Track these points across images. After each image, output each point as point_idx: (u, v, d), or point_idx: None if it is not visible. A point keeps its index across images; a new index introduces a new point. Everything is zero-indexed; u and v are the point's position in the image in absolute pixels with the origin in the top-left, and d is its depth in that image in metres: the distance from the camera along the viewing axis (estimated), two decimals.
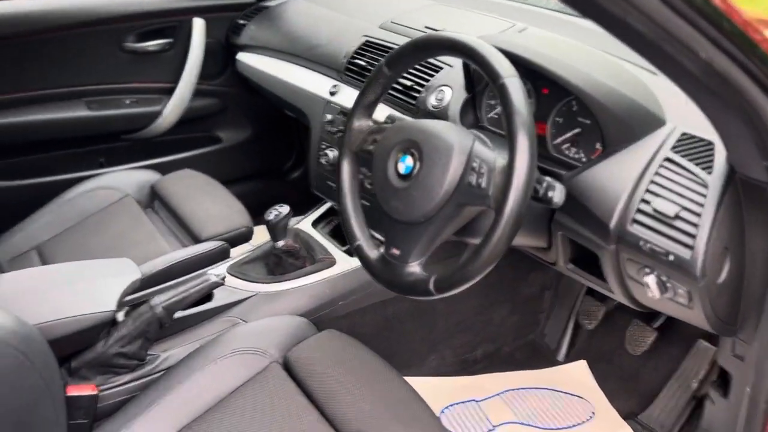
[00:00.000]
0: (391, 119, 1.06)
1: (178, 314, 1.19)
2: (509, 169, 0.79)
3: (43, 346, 0.91)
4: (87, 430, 1.05)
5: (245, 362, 1.09)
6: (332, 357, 1.10)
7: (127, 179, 1.69)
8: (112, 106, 1.83)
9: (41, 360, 0.88)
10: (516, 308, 1.57)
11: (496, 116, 1.11)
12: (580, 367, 1.52)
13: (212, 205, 1.56)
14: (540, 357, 1.59)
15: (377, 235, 1.11)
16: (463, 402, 1.42)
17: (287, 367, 1.09)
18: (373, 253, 0.98)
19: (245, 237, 1.50)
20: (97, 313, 1.04)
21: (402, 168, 0.91)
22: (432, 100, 1.18)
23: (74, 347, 1.06)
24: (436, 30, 1.32)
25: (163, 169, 1.78)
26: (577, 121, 0.99)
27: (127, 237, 1.50)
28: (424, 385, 1.42)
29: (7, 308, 0.88)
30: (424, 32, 1.34)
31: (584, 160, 0.98)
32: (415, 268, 0.91)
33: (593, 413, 1.41)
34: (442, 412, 1.40)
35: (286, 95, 1.61)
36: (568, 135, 1.00)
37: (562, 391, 1.47)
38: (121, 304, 1.09)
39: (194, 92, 1.91)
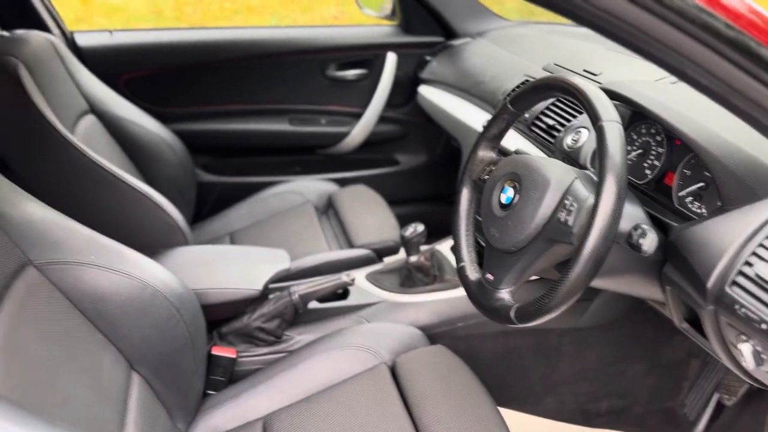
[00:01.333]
0: (516, 152, 1.11)
1: (315, 305, 1.36)
2: (593, 209, 0.80)
3: (194, 307, 1.12)
4: (223, 386, 1.25)
5: (358, 357, 1.21)
6: (435, 371, 1.16)
7: (310, 187, 1.94)
8: (310, 124, 2.11)
9: (190, 317, 1.10)
10: (655, 369, 1.47)
11: (628, 162, 1.10)
12: None
13: (371, 218, 1.73)
14: (674, 427, 1.47)
15: None
16: None
17: (393, 370, 1.19)
18: (473, 275, 1.04)
19: (393, 250, 1.64)
20: (245, 289, 1.25)
21: (503, 198, 0.96)
22: (568, 140, 1.20)
23: (223, 315, 1.28)
24: (594, 74, 1.33)
25: (344, 182, 2.00)
26: (703, 175, 0.95)
27: (298, 235, 1.72)
28: (535, 425, 1.41)
29: (176, 272, 1.11)
30: (581, 75, 1.36)
31: (705, 214, 0.93)
32: (504, 294, 0.95)
33: None
34: None
35: (449, 126, 1.73)
36: (693, 188, 0.96)
37: None
38: (266, 287, 1.28)
39: (380, 118, 2.11)
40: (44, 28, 1.74)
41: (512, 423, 1.10)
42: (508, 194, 0.95)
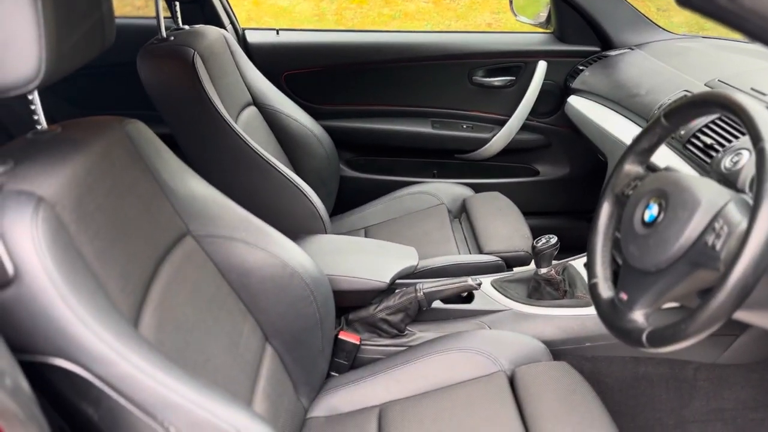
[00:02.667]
0: (666, 169, 1.05)
1: (439, 305, 1.38)
2: (746, 235, 0.75)
3: (326, 291, 1.19)
4: (345, 370, 1.32)
5: (476, 362, 1.21)
6: (557, 388, 1.14)
7: (446, 190, 1.97)
8: (452, 128, 2.13)
9: (322, 299, 1.17)
10: None
11: None
12: None
13: (503, 226, 1.72)
14: None
15: None
16: None
17: (512, 380, 1.18)
18: (606, 293, 1.00)
19: (523, 261, 1.62)
20: (373, 280, 1.30)
21: (647, 215, 0.91)
22: (726, 162, 1.11)
23: (351, 302, 1.34)
24: (763, 93, 1.23)
25: (480, 188, 2.01)
26: None
27: (429, 236, 1.76)
28: None
29: (313, 257, 1.19)
30: (748, 93, 1.26)
31: None
32: (638, 316, 0.91)
33: None
34: None
35: (596, 138, 1.67)
36: None
37: None
38: (393, 281, 1.33)
39: (523, 126, 2.09)
40: (219, 24, 1.92)
41: None
42: (652, 212, 0.91)
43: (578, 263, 1.51)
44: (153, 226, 0.92)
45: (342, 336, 1.31)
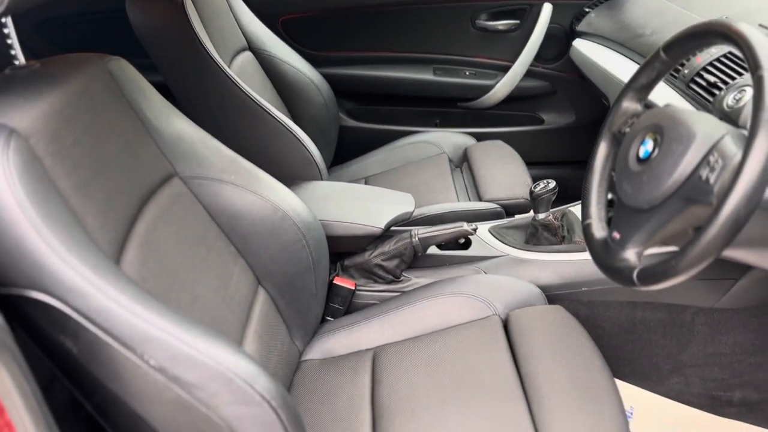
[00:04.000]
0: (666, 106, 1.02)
1: (435, 251, 1.37)
2: (740, 166, 0.72)
3: (319, 235, 1.18)
4: (340, 314, 1.32)
5: (471, 306, 1.20)
6: (550, 331, 1.13)
7: (447, 139, 1.94)
8: (454, 75, 2.08)
9: (314, 243, 1.16)
10: None
11: None
12: None
13: (504, 173, 1.69)
14: None
15: None
16: None
17: (506, 324, 1.17)
18: (599, 234, 0.98)
19: (523, 209, 1.60)
20: (368, 226, 1.29)
21: (641, 151, 0.89)
22: (729, 100, 1.08)
23: (348, 248, 1.33)
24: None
25: (482, 138, 1.97)
26: None
27: (429, 185, 1.74)
28: (655, 402, 1.33)
29: (306, 203, 1.17)
30: (759, 29, 1.21)
31: None
32: (630, 255, 0.89)
33: None
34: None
35: (600, 82, 1.62)
36: None
37: None
38: (388, 227, 1.31)
39: (527, 72, 2.03)
40: None
41: (628, 396, 1.04)
42: (647, 147, 0.88)
43: (577, 209, 1.49)
44: (136, 165, 0.90)
45: (337, 281, 1.31)
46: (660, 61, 0.96)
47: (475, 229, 1.28)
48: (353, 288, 1.31)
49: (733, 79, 1.12)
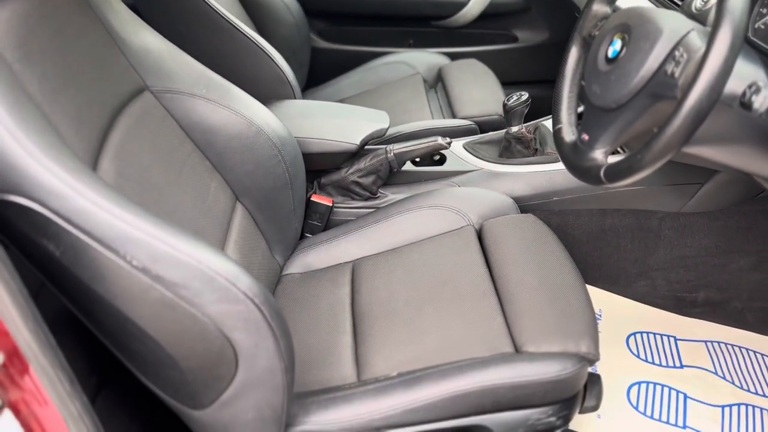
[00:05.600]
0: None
1: (410, 168, 1.39)
2: (703, 58, 0.74)
3: (294, 150, 1.18)
4: (319, 231, 1.34)
5: (445, 218, 1.23)
6: (522, 238, 1.16)
7: (422, 59, 1.92)
8: None
9: (290, 159, 1.16)
10: (762, 265, 1.38)
11: (764, 26, 0.98)
12: None
13: (478, 91, 1.70)
14: None
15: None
16: (659, 333, 1.35)
17: (480, 233, 1.20)
18: (569, 137, 1.00)
19: (497, 125, 1.61)
20: (343, 142, 1.29)
21: (610, 51, 0.90)
22: (697, 2, 1.08)
23: (324, 165, 1.34)
24: None
25: (456, 57, 1.96)
26: None
27: (405, 105, 1.73)
28: (623, 305, 1.40)
29: (281, 120, 1.17)
30: None
31: None
32: (598, 155, 0.91)
33: None
34: (632, 335, 1.36)
35: None
36: None
37: None
38: (363, 143, 1.32)
39: None
40: None
41: (597, 301, 1.08)
42: (615, 47, 0.89)
43: (549, 123, 1.51)
44: (106, 76, 0.89)
45: (315, 198, 1.33)
46: None
47: (449, 143, 1.30)
48: (331, 205, 1.33)
49: None
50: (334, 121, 1.35)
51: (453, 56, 1.97)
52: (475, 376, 0.90)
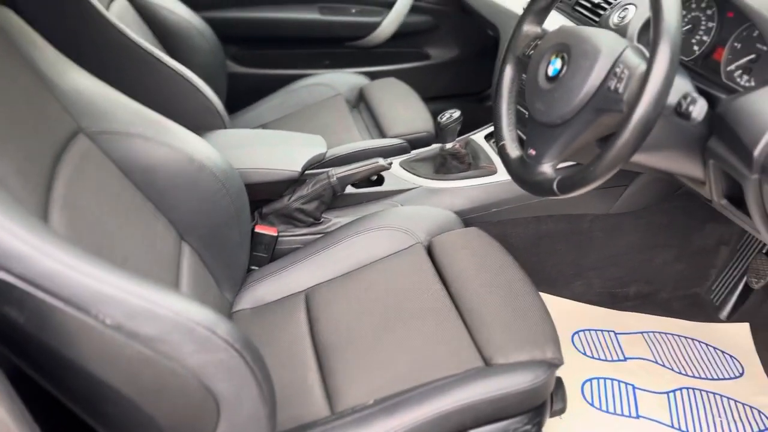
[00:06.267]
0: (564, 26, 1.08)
1: (351, 190, 1.39)
2: (646, 74, 0.79)
3: (238, 184, 1.15)
4: (265, 262, 1.31)
5: (394, 238, 1.24)
6: (471, 250, 1.19)
7: (341, 80, 1.93)
8: (340, 13, 2.06)
9: (235, 192, 1.13)
10: (683, 257, 1.50)
11: None
12: (742, 328, 1.42)
13: (404, 110, 1.72)
14: (700, 311, 1.51)
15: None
16: (600, 330, 1.43)
17: (429, 249, 1.22)
18: (514, 153, 1.05)
19: (426, 142, 1.64)
20: (284, 170, 1.27)
21: (550, 70, 0.95)
22: (614, 18, 1.17)
23: (265, 195, 1.31)
24: None
25: (374, 76, 1.98)
26: (755, 48, 0.93)
27: (331, 127, 1.73)
28: (563, 305, 1.46)
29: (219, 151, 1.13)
30: None
31: (753, 87, 0.92)
32: (546, 168, 0.96)
33: (741, 373, 1.33)
34: (576, 333, 1.43)
35: (485, 11, 1.68)
36: (743, 61, 0.94)
37: (713, 347, 1.40)
38: (305, 169, 1.31)
39: (411, 8, 2.05)
40: None
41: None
42: (555, 66, 0.94)
43: (478, 137, 1.56)
44: (42, 122, 0.83)
45: (258, 229, 1.29)
46: None
47: (390, 164, 1.31)
48: (276, 234, 1.30)
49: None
50: (272, 149, 1.33)
51: (371, 75, 2.00)
52: (454, 395, 0.91)
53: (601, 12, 1.22)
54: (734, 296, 1.47)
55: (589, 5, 1.26)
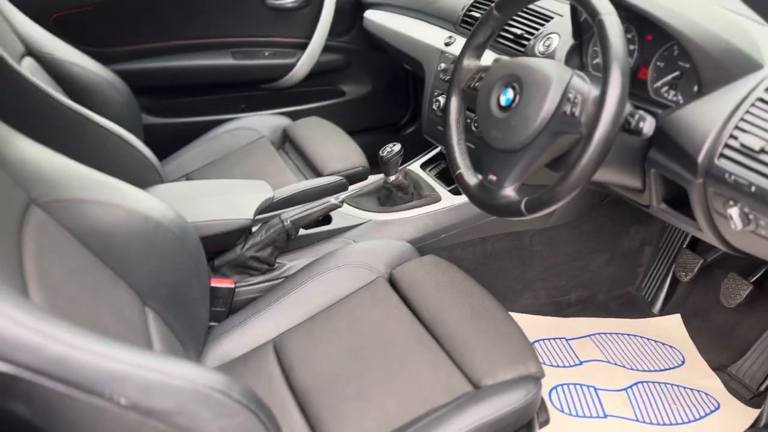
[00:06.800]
0: (496, 61, 1.15)
1: (302, 232, 1.37)
2: (601, 98, 0.86)
3: (194, 238, 1.11)
4: (224, 317, 1.26)
5: (355, 275, 1.24)
6: (434, 277, 1.21)
7: (263, 122, 1.91)
8: (254, 57, 2.05)
9: (193, 248, 1.09)
10: (614, 260, 1.62)
11: (600, 63, 1.17)
12: (674, 320, 1.55)
13: (335, 147, 1.74)
14: (635, 308, 1.63)
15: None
16: (553, 338, 1.50)
17: (392, 281, 1.23)
18: (472, 180, 1.09)
19: (362, 176, 1.67)
20: (238, 219, 1.24)
21: (503, 100, 1.00)
22: (540, 47, 1.26)
23: (218, 247, 1.27)
24: None
25: (294, 116, 1.98)
26: (677, 65, 1.03)
27: (262, 170, 1.71)
28: (516, 320, 1.52)
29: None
30: None
31: (681, 102, 1.03)
32: (509, 192, 1.01)
33: (683, 361, 1.45)
34: (533, 344, 1.49)
35: (406, 48, 1.74)
36: (668, 78, 1.04)
37: (653, 340, 1.51)
38: (256, 215, 1.28)
39: (323, 48, 2.08)
40: None
41: None
42: (508, 95, 1.00)
43: (414, 166, 1.61)
44: None
45: (214, 283, 1.25)
46: (494, 18, 1.08)
47: (342, 202, 1.32)
48: (233, 286, 1.26)
49: (537, 29, 1.30)
50: (220, 199, 1.29)
51: (291, 115, 2.00)
52: (452, 425, 0.92)
53: (525, 42, 1.31)
54: (663, 291, 1.60)
55: (511, 37, 1.34)
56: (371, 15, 1.95)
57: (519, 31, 1.33)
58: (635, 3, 0.99)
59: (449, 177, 1.57)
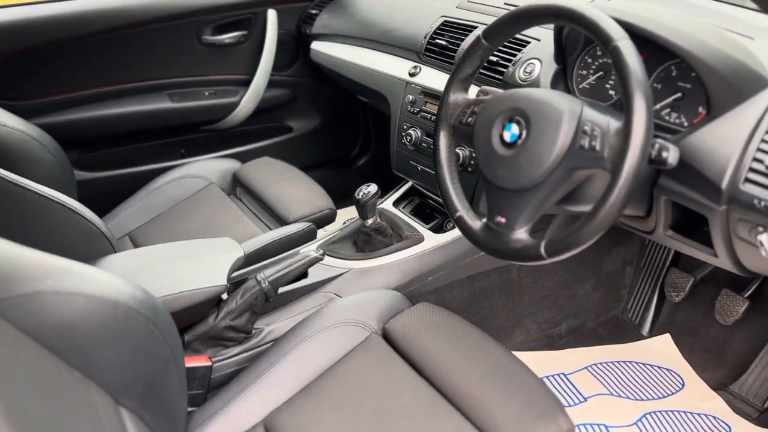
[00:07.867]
0: (484, 92, 1.07)
1: (281, 290, 1.24)
2: (626, 130, 0.79)
3: (167, 317, 0.96)
4: (201, 400, 1.11)
5: (347, 333, 1.12)
6: (431, 327, 1.11)
7: (210, 168, 1.76)
8: (192, 98, 1.90)
9: (167, 330, 0.93)
10: (599, 284, 1.57)
11: (588, 86, 1.12)
12: (665, 340, 1.52)
13: (295, 189, 1.61)
14: (623, 332, 1.59)
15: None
16: (552, 375, 1.43)
17: (386, 337, 1.12)
18: (475, 223, 1.00)
19: (329, 218, 1.55)
20: (212, 287, 1.09)
21: (507, 136, 0.92)
22: (520, 74, 1.19)
23: (189, 320, 1.12)
24: (516, 6, 1.33)
25: (241, 158, 1.84)
26: (677, 86, 0.99)
27: (215, 221, 1.56)
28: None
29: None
30: (504, 9, 1.36)
31: (686, 124, 0.98)
32: (521, 234, 0.93)
33: (683, 384, 1.41)
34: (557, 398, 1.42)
35: (364, 80, 1.65)
36: (669, 100, 1.00)
37: (648, 364, 1.46)
38: (229, 279, 1.14)
39: (268, 83, 1.96)
40: None
41: None
42: (513, 131, 0.92)
43: (387, 205, 1.51)
44: None
45: (189, 363, 1.09)
46: (482, 48, 1.00)
47: (323, 253, 1.20)
48: (210, 363, 1.11)
49: (514, 55, 1.24)
50: (185, 266, 1.14)
51: (237, 157, 1.86)
52: None
53: (502, 70, 1.24)
54: (651, 312, 1.57)
55: (486, 64, 1.28)
56: (319, 46, 1.85)
57: (494, 59, 1.27)
58: (642, 25, 0.94)
59: (425, 213, 1.49)
